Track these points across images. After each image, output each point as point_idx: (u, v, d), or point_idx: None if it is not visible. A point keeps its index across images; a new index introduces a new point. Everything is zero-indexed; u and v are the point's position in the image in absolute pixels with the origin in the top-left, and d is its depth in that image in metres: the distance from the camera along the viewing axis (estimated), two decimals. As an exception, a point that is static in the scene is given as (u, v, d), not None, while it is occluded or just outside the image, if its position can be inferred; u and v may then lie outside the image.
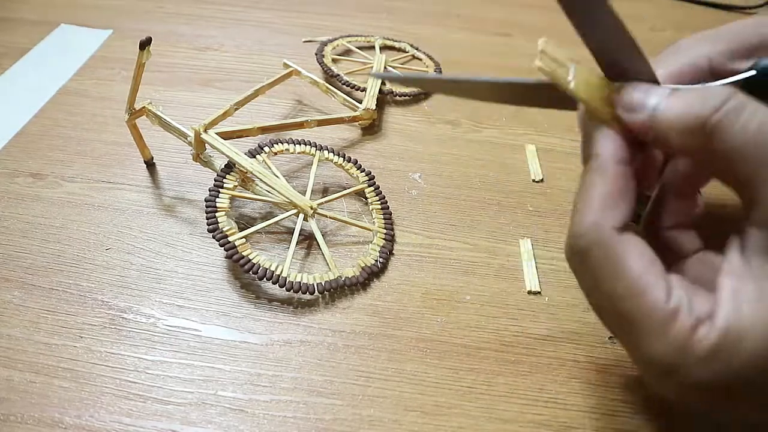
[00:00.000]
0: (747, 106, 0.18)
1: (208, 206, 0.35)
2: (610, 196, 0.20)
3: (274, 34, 0.59)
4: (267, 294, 0.34)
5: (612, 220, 0.20)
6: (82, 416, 0.28)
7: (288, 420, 0.29)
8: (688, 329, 0.18)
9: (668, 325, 0.18)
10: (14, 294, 0.33)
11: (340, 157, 0.41)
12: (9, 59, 0.52)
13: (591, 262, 0.20)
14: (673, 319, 0.18)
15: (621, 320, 0.20)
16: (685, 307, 0.19)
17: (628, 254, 0.19)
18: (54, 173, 0.41)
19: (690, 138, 0.19)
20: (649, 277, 0.19)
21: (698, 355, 0.18)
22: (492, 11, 0.66)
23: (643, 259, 0.19)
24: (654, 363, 0.19)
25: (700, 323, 0.18)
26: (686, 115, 0.19)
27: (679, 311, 0.18)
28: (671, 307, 0.18)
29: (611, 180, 0.20)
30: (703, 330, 0.18)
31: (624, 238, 0.20)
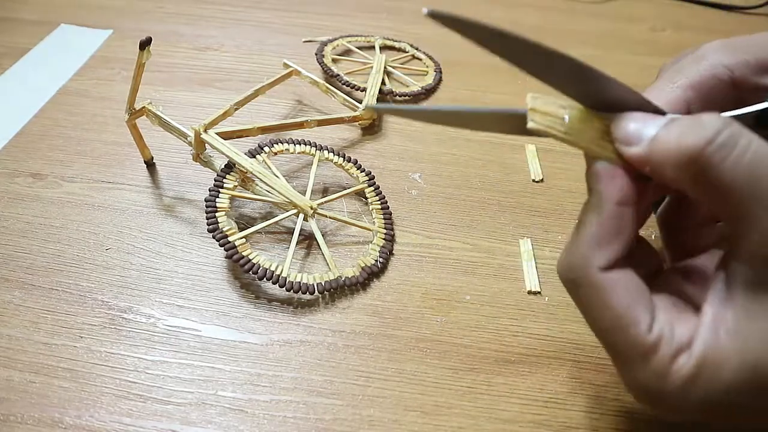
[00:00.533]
0: (740, 139, 0.18)
1: (208, 206, 0.35)
2: (601, 235, 0.20)
3: (274, 34, 0.59)
4: (267, 294, 0.34)
5: (600, 260, 0.20)
6: (82, 416, 0.28)
7: (288, 420, 0.29)
8: (668, 359, 0.19)
9: (649, 356, 0.19)
10: (14, 294, 0.33)
11: (340, 157, 0.41)
12: (9, 59, 0.52)
13: (579, 294, 0.21)
14: (655, 350, 0.19)
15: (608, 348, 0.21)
16: (666, 337, 0.19)
17: (612, 291, 0.20)
18: (54, 173, 0.41)
19: (684, 171, 0.18)
20: (632, 311, 0.20)
21: (677, 384, 0.19)
22: (492, 11, 0.66)
23: (628, 294, 0.20)
24: (638, 389, 0.20)
25: (680, 352, 0.19)
26: (678, 146, 0.18)
27: (660, 341, 0.19)
28: (652, 338, 0.19)
29: (605, 221, 0.20)
30: (682, 359, 0.19)
31: (610, 276, 0.20)
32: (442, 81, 0.54)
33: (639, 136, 0.20)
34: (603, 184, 0.21)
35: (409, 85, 0.53)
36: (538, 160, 0.45)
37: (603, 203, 0.20)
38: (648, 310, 0.20)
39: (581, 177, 0.45)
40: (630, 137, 0.20)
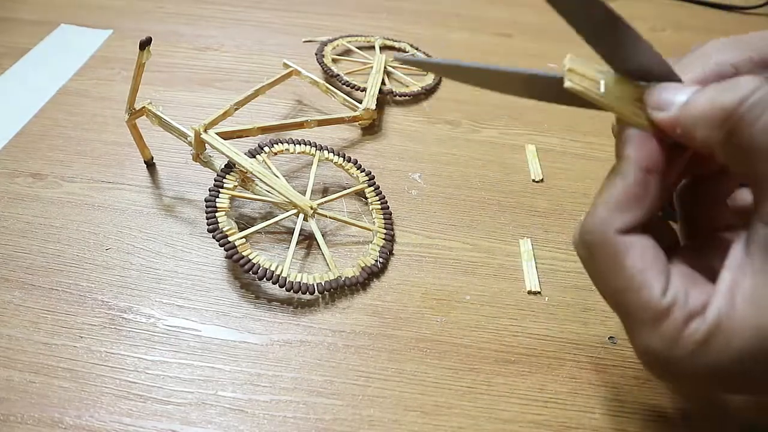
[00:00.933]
0: None
1: (208, 206, 0.35)
2: (624, 199, 0.20)
3: (274, 34, 0.59)
4: (267, 294, 0.34)
5: (619, 223, 0.20)
6: (82, 416, 0.28)
7: (288, 420, 0.29)
8: (680, 323, 0.19)
9: (661, 320, 0.19)
10: (14, 294, 0.33)
11: (340, 157, 0.41)
12: (9, 59, 0.52)
13: (595, 257, 0.21)
14: (667, 314, 0.19)
15: (620, 311, 0.21)
16: (680, 301, 0.19)
17: (628, 253, 0.20)
18: (54, 173, 0.41)
19: (714, 131, 0.18)
20: (646, 273, 0.20)
21: (688, 348, 0.19)
22: (492, 11, 0.66)
23: (644, 258, 0.20)
24: (648, 354, 0.20)
25: (693, 317, 0.19)
26: (712, 105, 0.18)
27: (673, 305, 0.19)
28: (666, 302, 0.19)
29: (630, 185, 0.20)
30: (694, 324, 0.19)
31: (627, 239, 0.20)
32: (442, 81, 0.54)
33: (671, 101, 0.20)
34: (632, 148, 0.21)
35: (409, 85, 0.53)
36: (538, 160, 0.45)
37: (630, 168, 0.20)
38: (663, 275, 0.20)
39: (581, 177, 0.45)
40: (662, 103, 0.20)
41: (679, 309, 0.19)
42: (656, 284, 0.20)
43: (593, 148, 0.47)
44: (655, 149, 0.21)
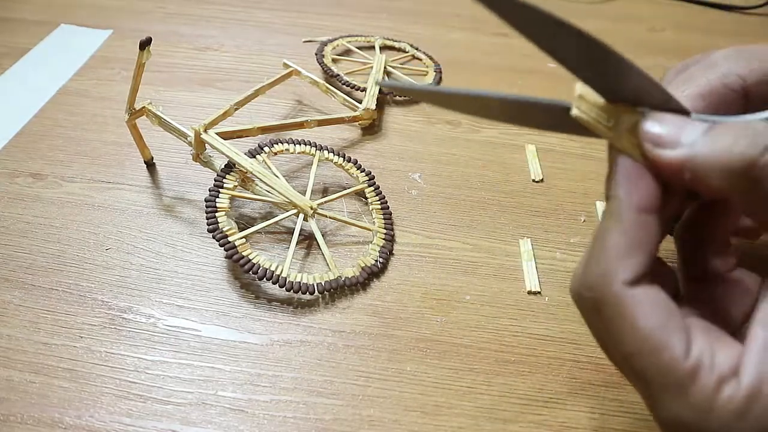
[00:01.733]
0: None
1: (208, 206, 0.35)
2: (624, 246, 0.18)
3: (274, 34, 0.59)
4: (267, 294, 0.34)
5: (623, 274, 0.18)
6: (82, 416, 0.28)
7: (288, 420, 0.29)
8: (712, 389, 0.17)
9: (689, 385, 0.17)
10: (14, 294, 0.33)
11: (340, 157, 0.41)
12: (9, 59, 0.52)
13: (602, 316, 0.19)
14: (694, 378, 0.17)
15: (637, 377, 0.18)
16: (707, 363, 0.17)
17: (640, 310, 0.18)
18: (54, 173, 0.41)
19: (734, 181, 0.17)
20: (664, 332, 0.17)
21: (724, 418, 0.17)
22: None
23: (659, 313, 0.18)
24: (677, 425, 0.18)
25: (725, 381, 0.17)
26: (731, 155, 0.17)
27: (700, 368, 0.17)
28: (691, 364, 0.17)
29: (627, 230, 0.18)
30: (728, 389, 0.17)
31: (636, 292, 0.18)
32: (442, 81, 0.54)
33: (676, 139, 0.18)
34: (625, 187, 0.19)
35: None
36: (538, 160, 0.45)
37: (625, 210, 0.18)
38: (683, 332, 0.17)
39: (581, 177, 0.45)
40: (665, 140, 0.18)
41: (707, 371, 0.17)
42: (677, 344, 0.17)
43: (593, 148, 0.47)
44: (651, 186, 0.19)
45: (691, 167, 0.18)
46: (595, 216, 0.41)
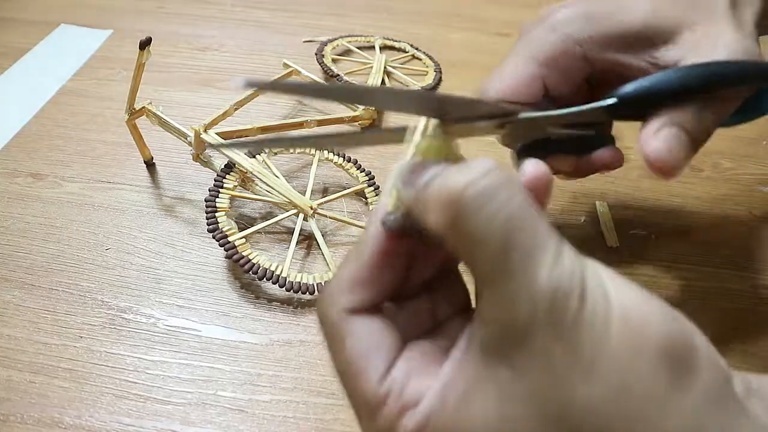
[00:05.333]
0: (501, 191, 0.16)
1: (208, 206, 0.35)
2: (355, 280, 0.19)
3: (274, 34, 0.59)
4: (267, 294, 0.34)
5: (346, 302, 0.19)
6: (82, 416, 0.28)
7: (288, 420, 0.29)
8: (394, 416, 0.17)
9: (376, 411, 0.18)
10: (14, 294, 0.33)
11: (340, 157, 0.41)
12: (9, 59, 0.52)
13: (324, 334, 0.20)
14: (381, 405, 0.18)
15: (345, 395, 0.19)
16: (395, 390, 0.18)
17: (349, 335, 0.19)
18: (54, 173, 0.41)
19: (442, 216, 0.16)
20: (366, 360, 0.18)
21: None
22: (492, 11, 0.66)
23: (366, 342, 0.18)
24: None
25: (406, 410, 0.17)
26: (441, 189, 0.16)
27: (388, 396, 0.18)
28: (382, 391, 0.18)
29: (364, 267, 0.19)
30: (406, 417, 0.17)
31: (352, 320, 0.19)
32: (442, 81, 0.54)
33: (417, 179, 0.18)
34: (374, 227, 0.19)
35: (408, 84, 0.52)
36: (538, 160, 0.45)
37: (369, 248, 0.19)
38: (384, 361, 0.18)
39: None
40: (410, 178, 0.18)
41: (394, 399, 0.17)
42: (374, 372, 0.18)
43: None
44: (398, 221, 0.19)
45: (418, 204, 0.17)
46: (595, 216, 0.41)
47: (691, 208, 0.42)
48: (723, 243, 0.39)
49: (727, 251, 0.39)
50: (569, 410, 0.15)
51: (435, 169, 0.18)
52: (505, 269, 0.15)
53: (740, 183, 0.44)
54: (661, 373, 0.16)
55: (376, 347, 0.18)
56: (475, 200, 0.16)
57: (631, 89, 0.25)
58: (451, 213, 0.16)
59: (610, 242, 0.38)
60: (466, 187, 0.16)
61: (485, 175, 0.16)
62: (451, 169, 0.17)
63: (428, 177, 0.17)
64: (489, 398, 0.16)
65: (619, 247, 0.38)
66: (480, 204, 0.16)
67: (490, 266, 0.16)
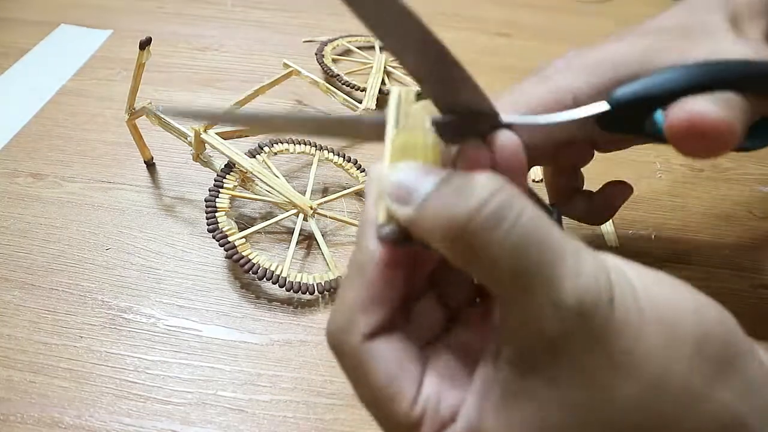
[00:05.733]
0: (509, 211, 0.15)
1: (208, 206, 0.35)
2: (363, 302, 0.18)
3: (274, 34, 0.59)
4: (267, 294, 0.34)
5: (363, 328, 0.18)
6: (82, 416, 0.28)
7: (288, 420, 0.29)
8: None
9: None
10: (14, 294, 0.33)
11: (340, 157, 0.41)
12: (9, 59, 0.52)
13: (343, 365, 0.19)
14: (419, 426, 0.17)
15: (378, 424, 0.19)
16: (430, 411, 0.17)
17: (373, 363, 0.18)
18: (54, 173, 0.41)
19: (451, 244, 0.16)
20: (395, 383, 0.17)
21: None
22: (492, 11, 0.66)
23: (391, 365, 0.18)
24: None
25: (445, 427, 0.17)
26: (445, 214, 0.16)
27: (424, 416, 0.17)
28: (416, 414, 0.17)
29: (370, 284, 0.18)
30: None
31: (372, 346, 0.18)
32: (442, 81, 0.54)
33: (411, 192, 0.17)
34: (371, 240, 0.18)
35: (409, 84, 0.53)
36: (538, 160, 0.45)
37: (370, 263, 0.18)
38: (414, 381, 0.18)
39: (581, 177, 0.44)
40: (402, 192, 0.17)
41: (430, 419, 0.17)
42: (406, 394, 0.17)
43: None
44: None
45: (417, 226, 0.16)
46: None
47: (691, 208, 0.42)
48: (723, 243, 0.39)
49: (727, 251, 0.39)
50: (610, 414, 0.15)
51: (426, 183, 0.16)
52: (527, 287, 0.15)
53: (740, 183, 0.44)
54: (698, 366, 0.16)
55: (402, 369, 0.18)
56: (483, 228, 0.15)
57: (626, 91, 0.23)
58: (458, 243, 0.15)
59: (610, 242, 0.38)
60: (472, 216, 0.15)
61: (489, 199, 0.15)
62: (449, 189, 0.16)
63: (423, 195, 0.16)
64: (528, 408, 0.16)
65: (619, 247, 0.38)
66: (489, 230, 0.15)
67: (509, 287, 0.15)
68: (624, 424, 0.15)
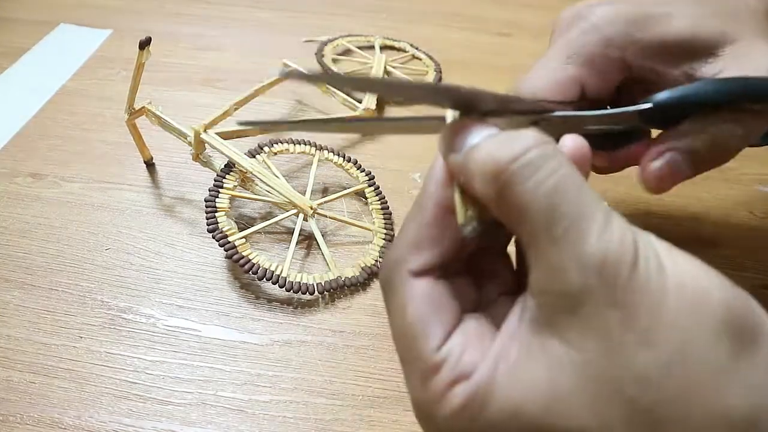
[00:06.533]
0: (548, 161, 0.16)
1: (207, 206, 0.35)
2: (419, 239, 0.19)
3: (274, 34, 0.59)
4: (267, 294, 0.34)
5: (412, 264, 0.19)
6: (82, 416, 0.28)
7: (288, 420, 0.29)
8: (447, 384, 0.17)
9: (431, 375, 0.18)
10: (14, 294, 0.33)
11: (340, 157, 0.41)
12: (9, 59, 0.52)
13: (386, 296, 0.20)
14: (436, 371, 0.18)
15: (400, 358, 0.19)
16: (452, 360, 0.17)
17: (412, 297, 0.19)
18: (53, 173, 0.41)
19: (489, 186, 0.17)
20: (426, 324, 0.18)
21: (445, 413, 0.17)
22: (492, 11, 0.66)
23: (427, 306, 0.18)
24: (416, 408, 0.19)
25: (460, 379, 0.17)
26: (489, 157, 0.17)
27: (443, 363, 0.17)
28: (438, 358, 0.18)
29: (426, 223, 0.19)
30: (459, 387, 0.17)
31: (416, 282, 0.19)
32: (442, 81, 0.54)
33: (462, 143, 0.18)
34: (436, 183, 0.19)
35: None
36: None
37: (429, 203, 0.19)
38: (443, 327, 0.18)
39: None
40: (455, 143, 0.18)
41: (449, 368, 0.17)
42: (433, 337, 0.18)
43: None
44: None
45: (464, 170, 0.18)
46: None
47: (692, 208, 0.42)
48: (723, 243, 0.39)
49: (727, 251, 0.39)
50: (625, 379, 0.15)
51: (479, 133, 0.18)
52: (553, 238, 0.16)
53: (740, 183, 0.44)
54: (723, 342, 0.15)
55: (437, 313, 0.18)
56: (521, 172, 0.16)
57: (666, 97, 0.25)
58: (498, 184, 0.16)
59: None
60: (512, 160, 0.16)
61: (532, 147, 0.16)
62: (497, 139, 0.17)
63: (474, 142, 0.18)
64: (540, 370, 0.16)
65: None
66: (527, 175, 0.16)
67: (538, 235, 0.16)
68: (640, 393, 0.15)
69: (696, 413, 0.15)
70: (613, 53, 0.26)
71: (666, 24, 0.26)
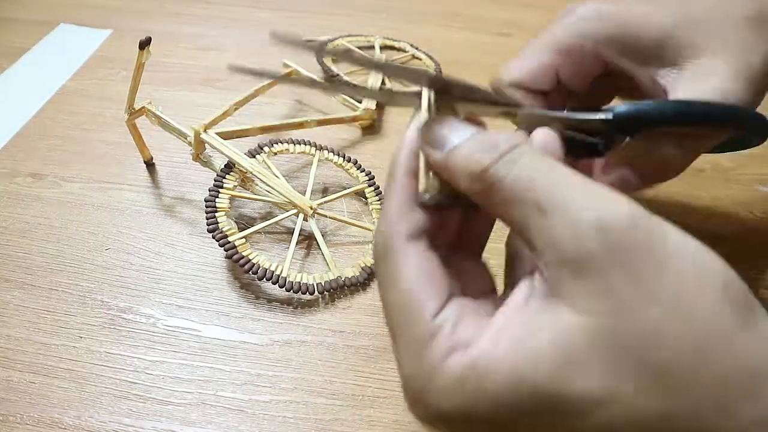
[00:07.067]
0: (524, 156, 0.17)
1: (207, 206, 0.35)
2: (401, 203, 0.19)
3: (274, 34, 0.59)
4: (267, 294, 0.34)
5: (403, 227, 0.19)
6: (82, 416, 0.28)
7: (288, 420, 0.29)
8: (443, 353, 0.17)
9: (424, 345, 0.17)
10: (14, 294, 0.33)
11: (340, 157, 0.41)
12: (9, 59, 0.52)
13: (379, 260, 0.20)
14: (431, 340, 0.17)
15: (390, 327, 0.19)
16: (447, 329, 0.17)
17: (406, 263, 0.19)
18: (53, 173, 0.41)
19: (475, 184, 0.18)
20: (421, 291, 0.18)
21: (442, 383, 0.17)
22: (492, 11, 0.66)
23: (422, 274, 0.18)
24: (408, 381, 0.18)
25: (456, 349, 0.17)
26: (471, 159, 0.18)
27: (439, 332, 0.17)
28: (433, 326, 0.17)
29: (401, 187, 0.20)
30: (455, 357, 0.17)
31: (412, 247, 0.19)
32: (442, 81, 0.54)
33: (443, 142, 0.19)
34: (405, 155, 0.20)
35: (408, 84, 0.52)
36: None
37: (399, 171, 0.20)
38: (438, 296, 0.18)
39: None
40: (436, 141, 0.19)
41: (446, 335, 0.17)
42: (429, 304, 0.18)
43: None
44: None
45: (447, 167, 0.19)
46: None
47: (692, 208, 0.42)
48: (723, 243, 0.39)
49: (727, 251, 0.38)
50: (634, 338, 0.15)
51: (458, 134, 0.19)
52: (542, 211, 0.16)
53: (740, 183, 0.44)
54: (726, 307, 0.16)
55: (431, 281, 0.18)
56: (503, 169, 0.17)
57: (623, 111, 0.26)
58: (484, 183, 0.18)
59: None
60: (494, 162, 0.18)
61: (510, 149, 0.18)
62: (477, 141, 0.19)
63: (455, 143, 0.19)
64: (547, 340, 0.16)
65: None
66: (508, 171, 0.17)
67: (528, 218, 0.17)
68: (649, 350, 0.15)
69: (707, 369, 0.15)
70: (588, 46, 0.27)
71: (641, 25, 0.27)
